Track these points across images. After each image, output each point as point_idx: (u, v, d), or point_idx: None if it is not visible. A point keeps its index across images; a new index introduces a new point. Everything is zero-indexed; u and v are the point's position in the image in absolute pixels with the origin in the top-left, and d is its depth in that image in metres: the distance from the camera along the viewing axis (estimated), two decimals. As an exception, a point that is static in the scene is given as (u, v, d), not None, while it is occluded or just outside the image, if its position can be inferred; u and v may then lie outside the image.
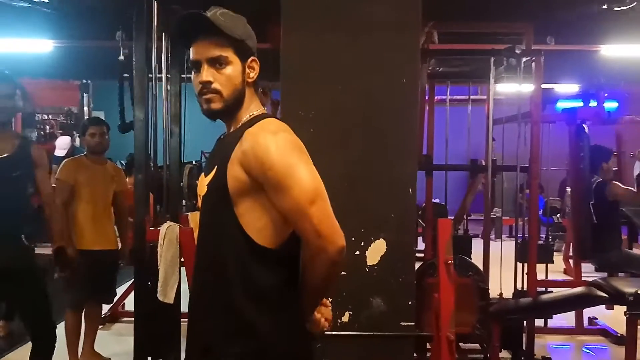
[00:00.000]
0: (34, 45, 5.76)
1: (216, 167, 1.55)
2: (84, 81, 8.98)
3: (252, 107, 1.62)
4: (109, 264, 3.99)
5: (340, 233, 1.51)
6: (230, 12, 1.58)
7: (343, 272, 2.68)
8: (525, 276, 4.12)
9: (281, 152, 1.46)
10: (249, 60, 1.60)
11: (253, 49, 1.61)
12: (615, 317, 4.99)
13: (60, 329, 3.88)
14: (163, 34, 3.27)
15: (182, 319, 3.43)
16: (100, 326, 4.95)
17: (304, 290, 1.59)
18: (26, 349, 4.38)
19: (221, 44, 1.54)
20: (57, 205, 3.60)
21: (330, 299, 1.78)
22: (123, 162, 11.78)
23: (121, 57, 3.36)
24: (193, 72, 1.59)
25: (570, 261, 6.39)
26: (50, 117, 8.85)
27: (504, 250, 4.17)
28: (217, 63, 1.55)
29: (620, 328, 4.73)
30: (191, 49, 1.57)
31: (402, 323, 2.72)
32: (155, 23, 3.07)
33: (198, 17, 1.52)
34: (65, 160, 3.97)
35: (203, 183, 1.63)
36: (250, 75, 1.60)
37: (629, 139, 6.09)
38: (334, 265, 1.51)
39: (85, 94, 9.18)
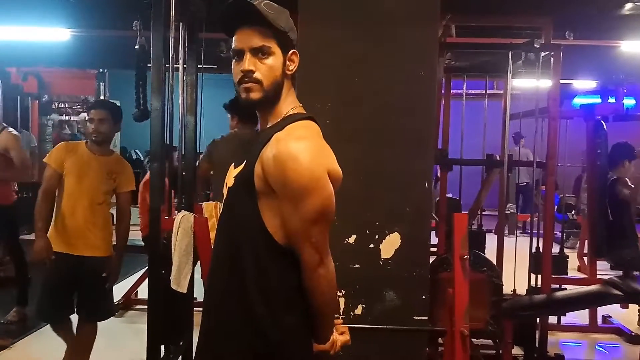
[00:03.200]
0: (52, 34, 5.79)
1: (246, 161, 1.57)
2: (101, 70, 9.03)
3: (289, 100, 1.62)
4: (89, 273, 3.35)
5: (330, 258, 1.58)
6: (274, 4, 1.58)
7: (357, 265, 2.69)
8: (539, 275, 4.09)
9: (299, 169, 1.46)
10: (290, 52, 1.60)
11: (294, 42, 1.61)
12: (629, 316, 4.95)
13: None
14: (180, 23, 3.28)
15: (195, 308, 3.44)
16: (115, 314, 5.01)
17: (312, 311, 1.59)
18: (39, 335, 4.44)
19: (265, 34, 1.54)
20: (40, 192, 3.32)
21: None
22: (138, 151, 11.80)
23: (137, 47, 3.36)
24: (234, 61, 1.58)
25: (585, 259, 6.34)
26: (66, 105, 8.90)
27: (517, 246, 4.15)
28: (260, 52, 1.54)
29: (635, 327, 4.70)
30: (234, 38, 1.57)
31: (415, 317, 2.71)
32: (172, 12, 3.07)
33: (245, 5, 1.52)
34: (60, 143, 3.52)
35: (231, 174, 1.63)
36: (290, 67, 1.60)
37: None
38: (327, 280, 1.56)
39: (101, 83, 9.23)
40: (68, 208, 3.32)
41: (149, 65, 3.14)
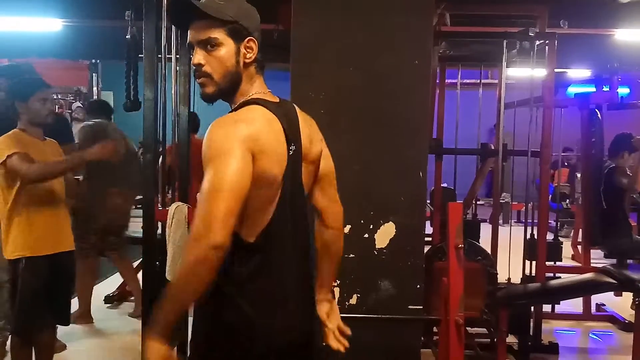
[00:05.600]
0: (43, 24, 5.74)
1: None
2: (93, 61, 8.96)
3: (254, 87, 1.61)
4: (67, 270, 3.12)
5: (218, 234, 1.38)
6: None
7: (351, 255, 2.68)
8: (534, 261, 4.10)
9: (215, 145, 1.44)
10: (245, 40, 1.57)
11: (250, 29, 1.57)
12: (623, 304, 4.98)
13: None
14: (173, 13, 3.25)
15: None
16: (108, 305, 5.00)
17: None
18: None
19: (211, 26, 1.53)
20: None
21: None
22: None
23: (128, 36, 3.34)
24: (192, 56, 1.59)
25: (579, 247, 6.37)
26: (59, 96, 8.84)
27: (512, 235, 4.15)
28: (209, 45, 1.54)
29: (628, 314, 4.73)
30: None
31: (410, 306, 2.72)
32: (165, 2, 3.04)
33: (185, 3, 1.52)
34: (4, 136, 2.94)
35: None
36: (247, 56, 1.57)
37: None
38: (195, 258, 1.39)
39: (94, 74, 9.18)
40: (49, 206, 2.98)
41: (140, 55, 3.13)
